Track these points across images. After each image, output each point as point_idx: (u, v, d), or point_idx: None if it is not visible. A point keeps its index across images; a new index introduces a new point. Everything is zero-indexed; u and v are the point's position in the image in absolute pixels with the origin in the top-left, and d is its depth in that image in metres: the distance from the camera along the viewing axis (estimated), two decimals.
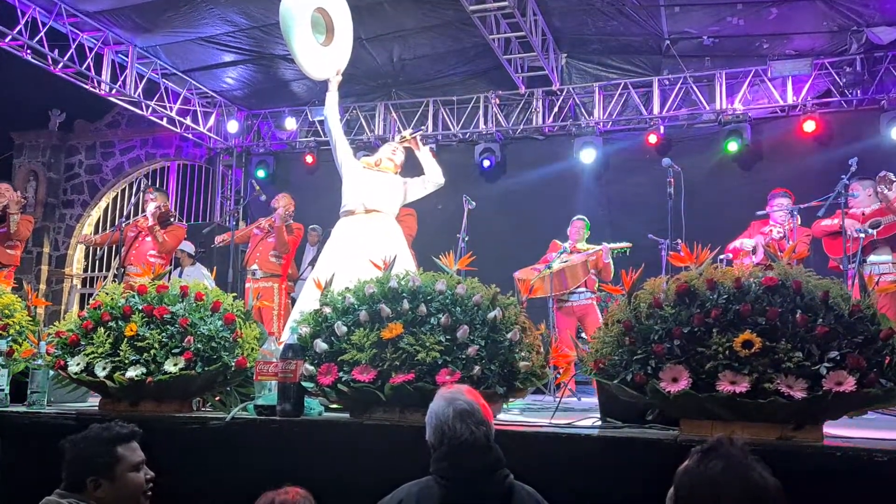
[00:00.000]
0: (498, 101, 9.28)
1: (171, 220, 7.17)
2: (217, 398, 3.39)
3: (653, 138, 8.68)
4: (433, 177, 4.69)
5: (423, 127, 5.61)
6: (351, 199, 4.52)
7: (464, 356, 2.77)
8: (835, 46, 7.97)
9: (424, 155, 4.75)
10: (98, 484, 2.33)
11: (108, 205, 11.72)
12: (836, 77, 8.10)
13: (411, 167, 4.82)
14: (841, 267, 5.54)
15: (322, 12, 4.80)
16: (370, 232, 4.34)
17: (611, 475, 2.47)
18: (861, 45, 7.78)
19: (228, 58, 9.01)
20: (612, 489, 2.44)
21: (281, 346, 3.13)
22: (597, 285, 6.66)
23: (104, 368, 3.18)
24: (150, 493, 2.43)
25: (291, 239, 7.24)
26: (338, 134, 4.72)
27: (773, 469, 1.69)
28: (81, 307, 10.59)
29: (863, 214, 5.76)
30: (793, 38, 7.97)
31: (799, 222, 5.91)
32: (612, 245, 6.71)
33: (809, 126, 8.07)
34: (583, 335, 6.49)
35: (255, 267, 7.22)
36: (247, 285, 7.13)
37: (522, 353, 2.92)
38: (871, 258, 5.60)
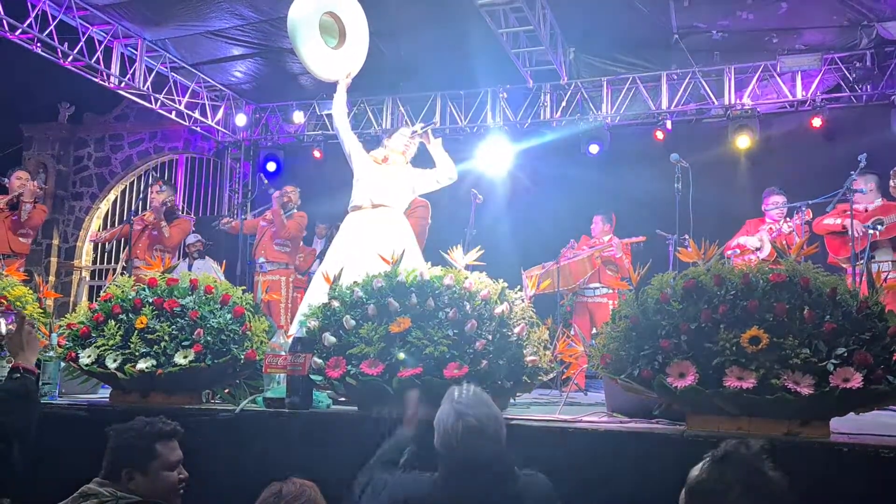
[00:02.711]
0: (506, 95, 9.26)
1: (178, 213, 7.20)
2: (226, 390, 3.42)
3: (661, 133, 8.66)
4: (447, 172, 4.61)
5: (434, 120, 5.56)
6: (359, 194, 4.52)
7: (471, 350, 2.79)
8: (845, 41, 7.92)
9: (436, 149, 4.66)
10: (131, 476, 2.34)
11: (116, 197, 11.77)
12: (845, 72, 8.05)
13: (423, 160, 4.80)
14: (842, 264, 5.53)
15: (334, 17, 4.80)
16: (377, 227, 4.34)
17: (617, 470, 2.48)
18: (871, 40, 7.73)
19: (237, 51, 9.02)
20: (619, 483, 2.45)
21: (290, 340, 3.15)
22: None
23: (115, 360, 3.21)
24: (182, 491, 2.44)
25: (292, 223, 7.21)
26: (346, 133, 4.72)
27: (779, 465, 1.69)
28: (90, 299, 10.65)
29: (865, 210, 5.73)
30: (803, 33, 7.92)
31: (811, 216, 5.88)
32: (625, 240, 6.71)
33: (818, 123, 8.04)
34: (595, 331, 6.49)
35: (262, 259, 7.25)
36: (256, 278, 7.16)
37: (529, 348, 2.94)
38: (873, 257, 5.56)
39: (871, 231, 5.45)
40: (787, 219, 6.10)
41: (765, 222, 6.21)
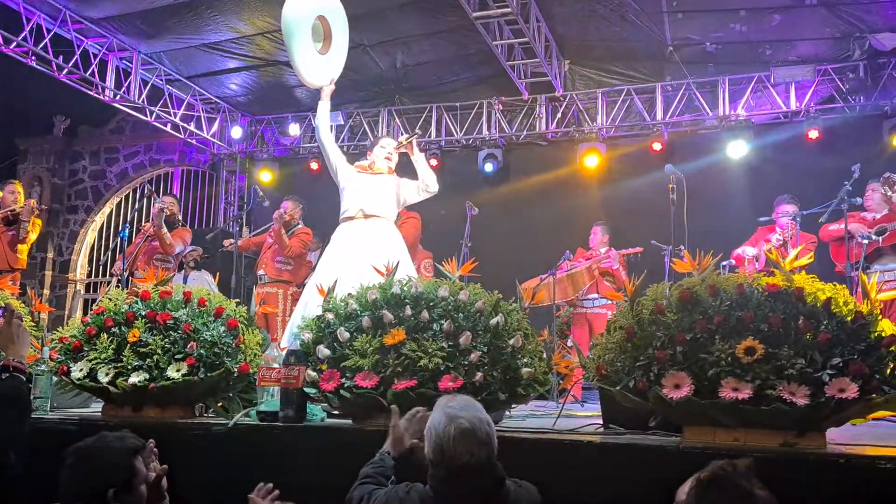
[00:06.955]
0: (501, 107, 9.28)
1: (178, 223, 7.16)
2: (220, 404, 3.39)
3: (656, 144, 8.69)
4: (428, 184, 4.64)
5: (418, 132, 5.60)
6: (350, 204, 4.53)
7: (466, 362, 2.78)
8: (838, 52, 7.96)
9: (420, 161, 4.71)
10: (118, 497, 2.10)
11: (111, 210, 11.75)
12: (839, 83, 8.09)
13: (407, 171, 4.82)
14: (845, 273, 5.50)
15: (322, 20, 4.83)
16: (370, 237, 4.35)
17: (613, 482, 2.46)
18: (864, 52, 7.77)
19: (232, 64, 9.04)
20: (615, 496, 2.43)
21: (283, 352, 3.13)
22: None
23: (107, 374, 3.19)
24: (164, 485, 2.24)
25: (294, 241, 7.17)
26: (329, 142, 4.77)
27: (775, 476, 1.68)
28: (85, 312, 10.61)
29: (874, 219, 5.69)
30: (795, 45, 7.96)
31: (797, 230, 5.85)
32: (622, 251, 6.72)
33: (814, 134, 8.08)
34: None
35: (261, 272, 7.22)
36: (263, 290, 7.13)
37: (525, 360, 2.92)
38: (876, 266, 5.53)
39: (873, 238, 5.43)
40: (780, 230, 6.06)
41: (774, 231, 6.15)
